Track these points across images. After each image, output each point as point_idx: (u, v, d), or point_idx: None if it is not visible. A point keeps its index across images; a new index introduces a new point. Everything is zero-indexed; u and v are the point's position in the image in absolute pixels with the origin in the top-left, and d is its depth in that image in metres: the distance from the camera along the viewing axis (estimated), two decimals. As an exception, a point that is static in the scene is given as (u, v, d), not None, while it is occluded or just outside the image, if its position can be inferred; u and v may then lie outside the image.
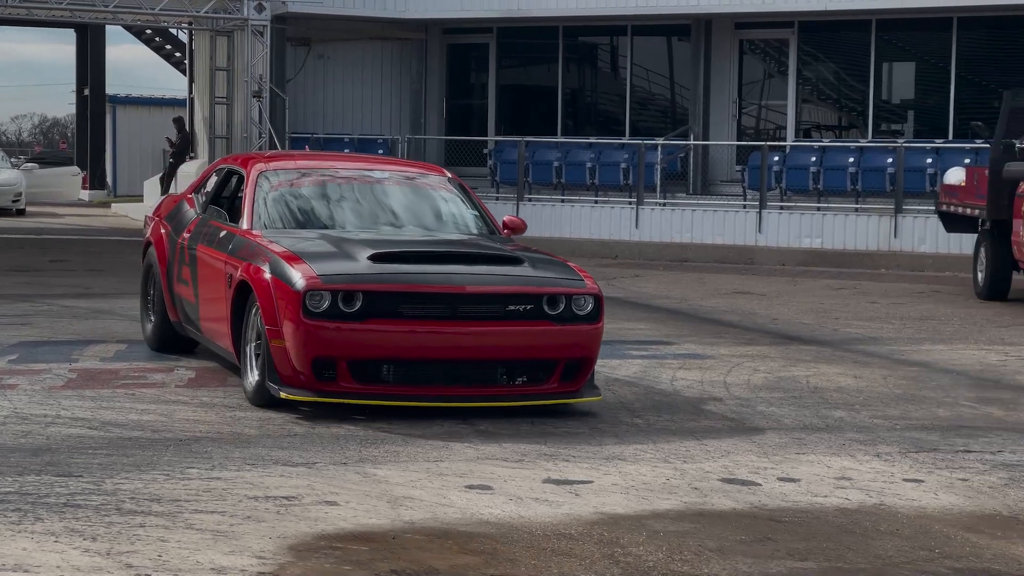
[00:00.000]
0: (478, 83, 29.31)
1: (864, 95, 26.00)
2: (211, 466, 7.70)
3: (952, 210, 19.69)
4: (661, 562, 6.14)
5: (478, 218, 10.71)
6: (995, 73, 25.15)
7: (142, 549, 6.07)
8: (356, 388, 8.90)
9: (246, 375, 9.47)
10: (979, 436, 9.22)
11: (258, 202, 10.29)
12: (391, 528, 6.58)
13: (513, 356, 9.06)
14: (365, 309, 8.82)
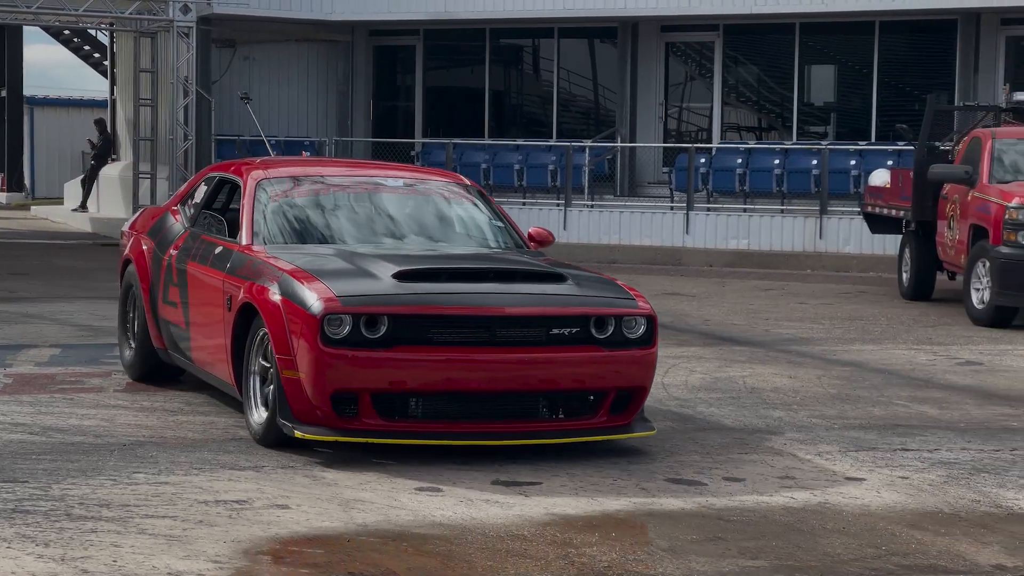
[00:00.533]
0: (405, 85, 29.30)
1: (788, 98, 26.24)
2: (158, 471, 7.67)
3: (877, 211, 19.92)
4: (616, 562, 6.19)
5: (503, 230, 9.61)
6: (915, 76, 25.47)
7: (96, 555, 6.06)
8: (381, 425, 7.82)
9: (250, 410, 8.37)
10: (915, 435, 9.36)
11: (258, 214, 9.14)
12: (345, 531, 6.60)
13: (558, 387, 8.01)
14: (391, 335, 7.74)
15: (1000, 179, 16.37)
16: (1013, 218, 15.55)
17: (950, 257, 17.33)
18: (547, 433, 8.06)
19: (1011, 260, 15.41)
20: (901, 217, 18.95)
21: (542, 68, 28.34)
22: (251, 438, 8.47)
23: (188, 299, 9.41)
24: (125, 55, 29.84)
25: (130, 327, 10.54)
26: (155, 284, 10.07)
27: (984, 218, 16.10)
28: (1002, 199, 15.78)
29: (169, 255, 9.88)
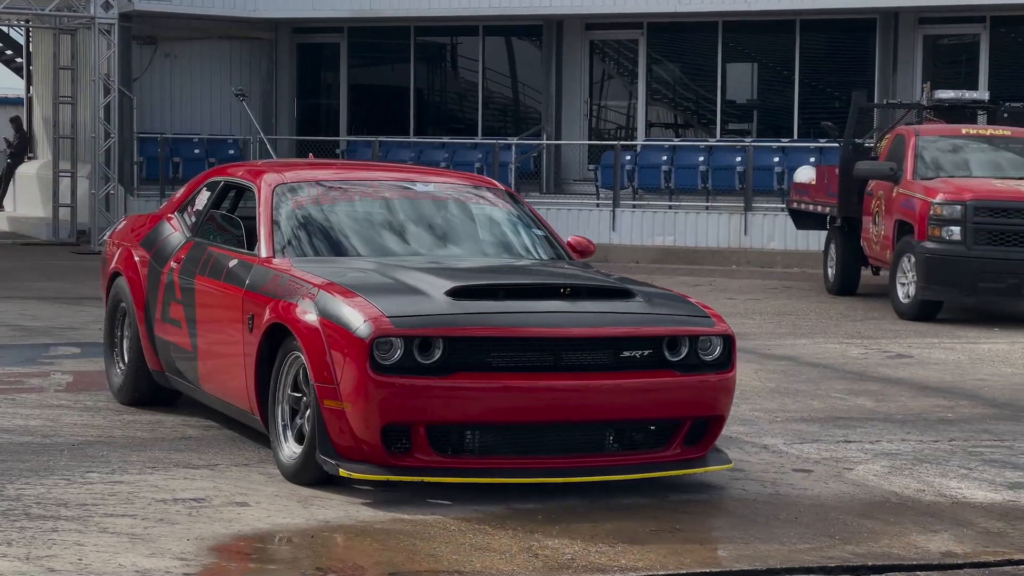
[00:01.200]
0: (329, 83, 29.24)
1: (711, 95, 26.46)
2: (111, 470, 7.66)
3: (803, 208, 20.15)
4: (579, 554, 6.27)
5: (543, 238, 8.73)
6: (836, 75, 25.77)
7: (60, 553, 6.06)
8: (436, 462, 6.97)
9: (279, 444, 7.48)
10: (856, 427, 9.51)
11: (278, 223, 8.23)
12: (307, 527, 6.63)
13: (628, 417, 7.21)
14: (446, 360, 6.91)
15: (924, 176, 16.63)
16: (938, 214, 15.81)
17: (875, 252, 17.58)
18: (615, 468, 7.23)
19: (936, 255, 15.67)
20: (827, 213, 19.19)
21: (467, 66, 28.39)
22: (197, 436, 8.46)
23: (196, 318, 8.47)
24: (42, 52, 29.55)
25: (118, 347, 9.59)
26: (151, 300, 9.09)
27: (909, 214, 16.35)
28: (926, 195, 16.03)
29: (169, 268, 8.90)
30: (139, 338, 9.16)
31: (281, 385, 7.47)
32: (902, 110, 20.20)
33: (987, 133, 17.59)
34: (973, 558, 6.48)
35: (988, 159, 17.19)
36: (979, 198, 15.67)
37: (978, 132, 17.63)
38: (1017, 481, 8.03)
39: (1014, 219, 15.59)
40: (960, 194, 15.78)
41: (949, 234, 15.68)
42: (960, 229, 15.62)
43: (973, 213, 15.58)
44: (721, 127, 26.34)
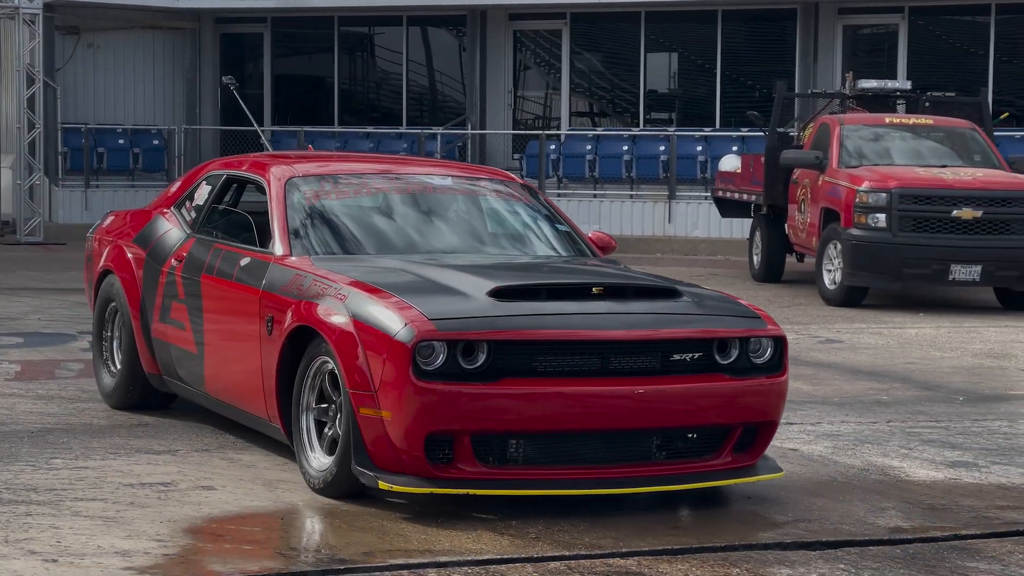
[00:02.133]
0: (253, 73, 29.22)
1: (635, 85, 26.74)
2: (74, 456, 7.75)
3: (728, 196, 20.47)
4: (543, 533, 6.45)
5: (568, 234, 8.37)
6: (758, 64, 26.15)
7: (38, 536, 6.16)
8: (481, 473, 6.56)
9: (305, 454, 7.05)
10: (795, 409, 9.76)
11: (292, 219, 7.81)
12: (276, 509, 6.77)
13: (677, 423, 6.85)
14: (491, 365, 6.50)
15: (849, 164, 16.97)
16: (864, 201, 16.14)
17: (801, 240, 17.90)
18: (664, 479, 6.86)
19: (862, 242, 16.00)
20: (752, 201, 19.51)
21: (391, 56, 28.48)
22: (154, 423, 8.55)
23: (202, 319, 8.06)
24: (-38, 42, 29.30)
25: (107, 349, 9.17)
26: (148, 300, 8.65)
27: (835, 202, 16.68)
28: (852, 183, 16.36)
29: (170, 266, 8.46)
30: (134, 339, 8.73)
31: (306, 392, 7.05)
32: (824, 99, 20.59)
33: (910, 122, 17.97)
34: (921, 533, 6.73)
35: (911, 147, 17.57)
36: (904, 186, 16.02)
37: (901, 121, 18.00)
38: (956, 460, 8.31)
39: (937, 206, 15.96)
40: (885, 182, 16.12)
41: (875, 221, 16.02)
42: (885, 216, 15.97)
43: (898, 201, 15.92)
44: (644, 117, 26.63)
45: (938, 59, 25.38)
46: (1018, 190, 16.26)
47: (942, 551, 6.47)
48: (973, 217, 15.91)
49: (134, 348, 8.77)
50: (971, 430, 9.22)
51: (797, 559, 6.29)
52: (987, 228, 15.97)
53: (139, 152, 26.85)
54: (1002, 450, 8.61)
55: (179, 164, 26.86)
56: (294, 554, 6.12)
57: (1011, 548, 6.53)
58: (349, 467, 6.66)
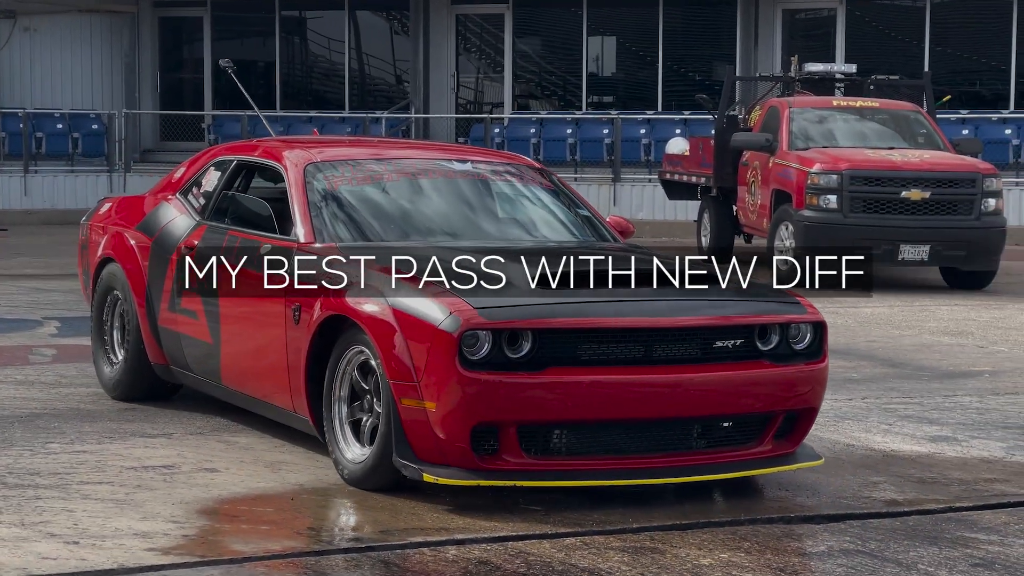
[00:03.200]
0: (193, 57, 29.08)
1: (577, 69, 26.87)
2: (70, 440, 7.75)
3: (676, 178, 20.64)
4: (550, 511, 6.55)
5: (589, 219, 8.29)
6: (699, 48, 26.37)
7: (53, 519, 6.18)
8: (527, 464, 6.46)
9: (340, 447, 6.91)
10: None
11: (314, 205, 7.63)
12: (284, 491, 6.82)
13: (720, 411, 6.77)
14: (536, 354, 6.38)
15: (798, 146, 17.16)
16: (815, 183, 16.34)
17: (751, 221, 18.09)
18: (707, 468, 6.79)
19: (814, 223, 16.20)
20: (700, 183, 19.68)
21: (334, 40, 28.43)
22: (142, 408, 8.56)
23: (219, 308, 7.86)
24: None
25: (108, 339, 8.97)
26: (155, 289, 8.45)
27: (786, 183, 16.86)
28: (803, 165, 16.55)
29: (180, 254, 8.22)
30: (140, 329, 8.52)
31: (338, 383, 6.91)
32: (767, 83, 20.81)
33: (857, 104, 18.19)
34: (917, 506, 6.88)
35: (858, 130, 17.79)
36: (854, 168, 16.23)
37: (848, 104, 18.22)
38: (936, 435, 8.48)
39: (887, 187, 16.19)
40: (836, 164, 16.33)
41: (826, 202, 16.21)
42: (836, 198, 16.17)
43: (849, 182, 16.14)
44: (586, 100, 26.76)
45: (875, 44, 25.69)
46: (964, 171, 16.52)
47: (940, 523, 6.62)
48: (921, 198, 16.15)
49: (139, 338, 8.57)
50: (944, 406, 9.40)
51: (803, 532, 6.43)
52: (934, 209, 16.22)
53: (78, 137, 26.65)
54: (977, 425, 8.79)
55: (119, 149, 26.68)
56: (313, 534, 6.19)
57: (1006, 519, 6.70)
58: (388, 459, 6.54)
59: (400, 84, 27.83)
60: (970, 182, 16.37)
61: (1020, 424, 8.82)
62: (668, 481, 6.82)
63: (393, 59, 28.26)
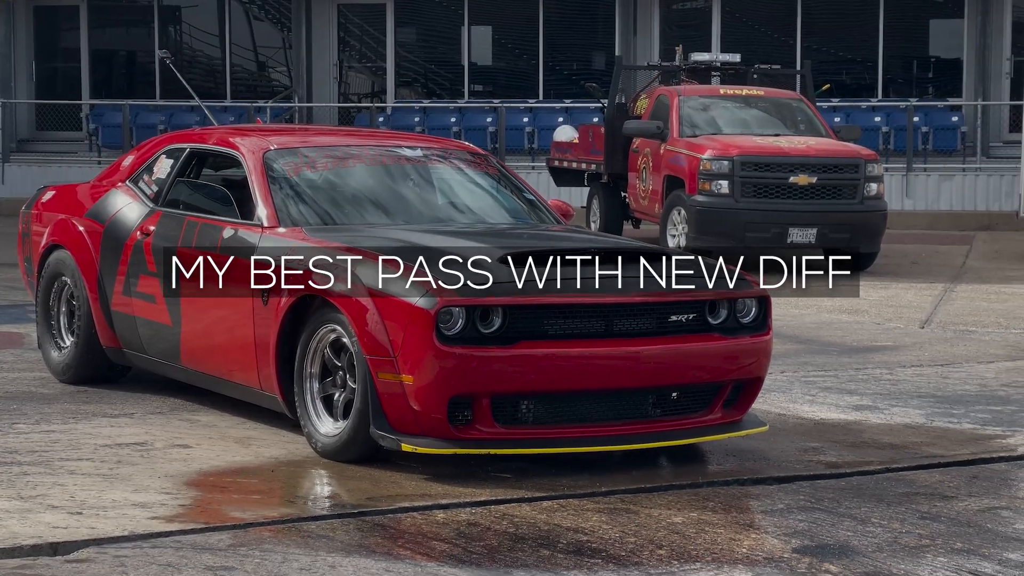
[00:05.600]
0: (69, 46, 28.85)
1: (459, 58, 27.18)
2: (35, 421, 7.92)
3: (564, 165, 21.05)
4: (519, 478, 6.90)
5: (535, 203, 8.68)
6: (579, 37, 26.81)
7: (48, 493, 6.39)
8: (498, 433, 6.82)
9: (313, 422, 7.19)
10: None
11: (276, 191, 7.94)
12: (262, 464, 7.07)
13: (675, 381, 7.17)
14: (506, 330, 6.76)
15: (689, 134, 17.66)
16: (707, 169, 16.84)
17: (642, 206, 18.56)
18: (661, 435, 7.21)
19: (707, 207, 16.70)
20: (590, 170, 20.11)
21: (214, 29, 28.41)
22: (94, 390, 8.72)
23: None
24: None
25: (56, 325, 9.14)
26: (107, 274, 8.65)
27: (678, 169, 17.35)
28: (695, 152, 17.05)
29: (135, 240, 8.48)
30: (91, 314, 8.74)
31: (310, 360, 7.21)
32: (646, 72, 21.31)
33: (743, 93, 18.74)
34: (857, 467, 7.33)
35: (744, 117, 18.33)
36: (745, 153, 16.77)
37: (735, 92, 18.76)
38: (858, 404, 8.97)
39: (776, 173, 16.75)
40: (727, 150, 16.85)
41: (718, 188, 16.73)
42: (728, 183, 16.69)
43: (740, 168, 16.67)
44: (469, 89, 27.09)
45: (749, 35, 26.35)
46: (848, 157, 17.14)
47: (881, 482, 7.08)
48: (808, 183, 16.73)
49: (91, 322, 8.76)
50: (858, 378, 9.90)
51: (759, 492, 6.85)
52: (821, 193, 16.82)
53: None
54: (893, 394, 9.29)
55: (-5, 139, 26.45)
56: (302, 502, 6.48)
57: (940, 478, 7.18)
58: (364, 432, 6.87)
59: (282, 74, 27.91)
60: (854, 168, 16.99)
61: (932, 393, 9.34)
62: (628, 448, 7.20)
63: (275, 48, 28.33)
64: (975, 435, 8.15)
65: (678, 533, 6.08)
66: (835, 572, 5.61)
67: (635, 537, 6.00)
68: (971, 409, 8.81)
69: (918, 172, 23.56)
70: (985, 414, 8.68)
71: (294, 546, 5.73)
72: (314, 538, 5.86)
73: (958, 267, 17.71)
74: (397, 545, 5.85)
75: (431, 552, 5.74)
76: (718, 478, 7.06)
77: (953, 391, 9.41)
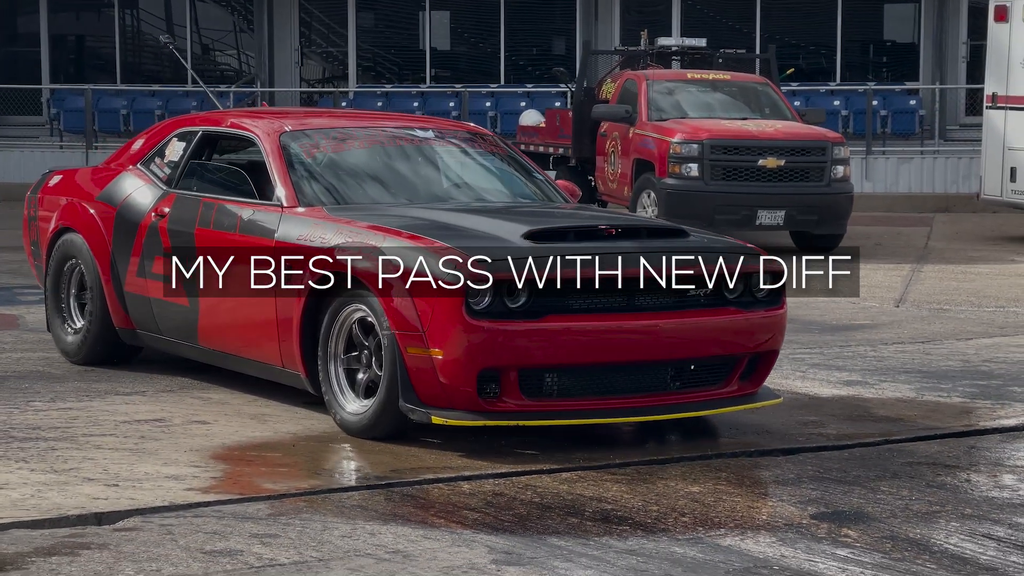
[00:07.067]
0: (28, 30, 28.74)
1: (420, 43, 27.29)
2: (50, 399, 8.04)
3: (531, 149, 21.18)
4: (542, 453, 7.09)
5: (544, 183, 8.83)
6: (540, 22, 26.98)
7: (80, 467, 6.53)
8: (525, 406, 7.00)
9: (339, 399, 7.33)
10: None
11: (294, 172, 8.07)
12: (281, 440, 7.23)
13: (694, 354, 7.37)
14: (531, 304, 6.94)
15: (657, 118, 17.87)
16: (677, 152, 17.05)
17: (611, 190, 18.75)
18: (682, 406, 7.42)
19: (676, 190, 16.91)
20: (558, 154, 20.28)
21: (175, 13, 28.38)
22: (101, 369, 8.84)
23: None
24: None
25: (66, 307, 9.17)
26: (120, 256, 8.74)
27: (648, 153, 17.55)
28: (665, 135, 17.25)
29: (151, 222, 8.56)
30: (104, 296, 8.80)
31: (334, 338, 7.34)
32: (609, 57, 21.51)
33: (709, 77, 18.95)
34: (858, 439, 7.56)
35: (711, 101, 18.55)
36: (714, 137, 16.98)
37: (702, 76, 18.97)
38: (848, 379, 9.20)
39: (744, 156, 16.99)
40: (696, 134, 17.07)
41: (688, 171, 16.95)
42: (697, 166, 16.91)
43: (709, 151, 16.89)
44: (430, 74, 27.21)
45: (709, 20, 26.59)
46: (815, 140, 17.39)
47: (882, 453, 7.32)
48: (776, 166, 16.97)
49: (104, 304, 8.82)
50: (844, 355, 10.14)
51: (768, 463, 7.07)
52: (788, 176, 17.07)
53: None
54: (880, 370, 9.53)
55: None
56: (328, 474, 6.65)
57: (938, 449, 7.42)
58: (393, 407, 7.01)
59: (245, 57, 27.93)
60: (821, 150, 17.25)
61: (918, 369, 9.58)
62: (649, 419, 7.42)
63: (239, 33, 28.34)
64: (966, 408, 8.40)
65: (698, 502, 6.28)
66: (854, 537, 5.82)
67: (657, 506, 6.20)
68: (958, 384, 9.06)
69: (877, 155, 23.87)
70: (973, 388, 8.93)
71: (331, 515, 5.91)
72: (348, 508, 6.03)
73: (921, 248, 18.02)
74: (430, 514, 6.02)
75: (464, 520, 5.92)
76: (727, 450, 7.27)
77: (938, 367, 9.66)
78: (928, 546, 5.71)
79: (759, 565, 5.43)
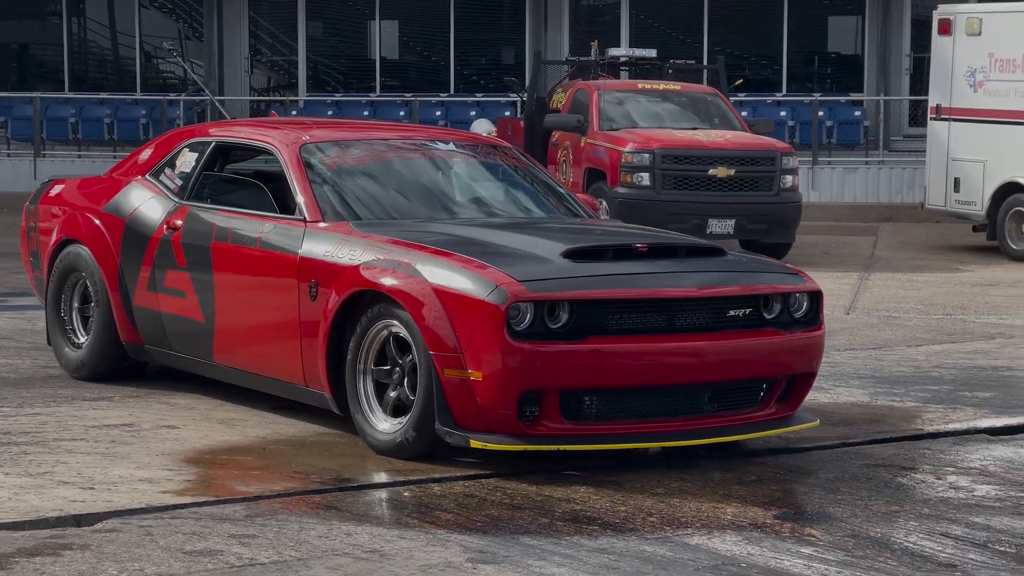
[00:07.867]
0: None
1: (370, 52, 27.38)
2: (18, 405, 8.09)
3: (482, 159, 21.35)
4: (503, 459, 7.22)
5: (567, 197, 8.64)
6: (491, 32, 27.14)
7: (54, 470, 6.61)
8: (565, 429, 6.80)
9: (366, 417, 7.12)
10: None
11: (316, 185, 7.81)
12: (251, 443, 7.33)
13: (734, 376, 7.21)
14: (572, 325, 6.76)
15: (608, 127, 18.06)
16: (629, 161, 17.24)
17: (562, 199, 18.91)
18: (719, 430, 7.22)
19: (628, 199, 17.09)
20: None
21: (123, 19, 28.34)
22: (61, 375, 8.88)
23: (214, 286, 7.93)
24: None
25: (69, 320, 8.92)
26: (129, 269, 8.48)
27: (599, 162, 17.73)
28: (616, 145, 17.44)
29: (162, 235, 8.31)
30: (111, 309, 8.55)
31: (363, 356, 7.12)
32: (558, 67, 21.70)
33: (660, 88, 19.16)
34: (816, 442, 7.72)
35: (662, 111, 18.75)
36: (665, 146, 17.19)
37: (652, 87, 19.18)
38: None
39: (695, 165, 17.20)
40: (648, 143, 17.27)
41: (639, 180, 17.14)
42: (649, 175, 17.11)
43: (660, 160, 17.09)
44: (380, 83, 27.31)
45: (657, 31, 26.84)
46: (764, 150, 17.63)
47: (840, 456, 7.53)
48: (727, 175, 17.20)
49: (110, 318, 8.57)
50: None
51: (731, 466, 7.21)
52: (738, 185, 17.30)
53: None
54: (834, 375, 9.65)
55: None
56: (302, 476, 6.74)
57: (894, 451, 7.61)
58: (428, 429, 6.81)
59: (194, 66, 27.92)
60: (770, 160, 17.49)
61: (871, 375, 9.78)
62: (688, 443, 7.16)
63: (188, 41, 28.35)
64: (918, 412, 8.59)
65: (664, 502, 6.44)
66: (817, 535, 5.99)
67: (624, 506, 6.35)
68: (910, 389, 9.27)
69: (823, 165, 24.16)
70: (924, 393, 9.14)
71: (307, 516, 6.02)
72: (323, 509, 6.15)
73: (868, 257, 18.30)
74: (403, 515, 6.15)
75: (437, 521, 6.04)
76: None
77: (890, 372, 9.86)
78: (889, 544, 5.89)
79: (727, 562, 5.59)
